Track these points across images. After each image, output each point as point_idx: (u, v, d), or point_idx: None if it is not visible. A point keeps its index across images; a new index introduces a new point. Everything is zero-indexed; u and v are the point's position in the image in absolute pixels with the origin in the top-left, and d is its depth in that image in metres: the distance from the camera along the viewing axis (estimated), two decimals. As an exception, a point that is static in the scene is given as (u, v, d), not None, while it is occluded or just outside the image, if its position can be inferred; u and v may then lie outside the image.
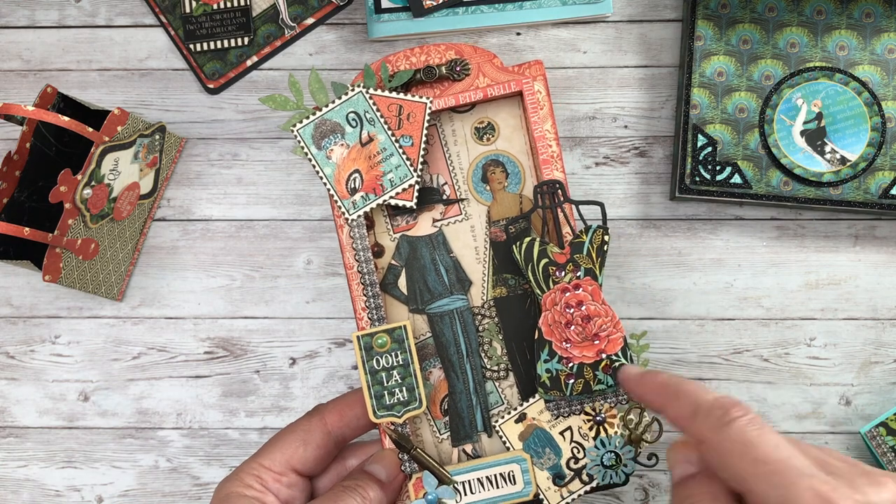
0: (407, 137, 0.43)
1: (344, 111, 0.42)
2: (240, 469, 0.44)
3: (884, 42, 0.60)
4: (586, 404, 0.44)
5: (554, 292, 0.44)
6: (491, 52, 0.47)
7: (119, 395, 0.63)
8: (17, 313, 0.64)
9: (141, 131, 0.59)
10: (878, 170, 0.60)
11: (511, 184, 0.48)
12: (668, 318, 0.63)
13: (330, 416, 0.46)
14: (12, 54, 0.65)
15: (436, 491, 0.43)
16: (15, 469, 0.63)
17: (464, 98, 0.46)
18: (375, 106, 0.42)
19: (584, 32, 0.64)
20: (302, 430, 0.45)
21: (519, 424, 0.45)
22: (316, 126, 0.42)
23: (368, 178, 0.42)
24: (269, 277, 0.63)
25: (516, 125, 0.49)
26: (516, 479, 0.43)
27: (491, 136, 0.48)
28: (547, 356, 0.44)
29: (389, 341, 0.43)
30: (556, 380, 0.44)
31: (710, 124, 0.61)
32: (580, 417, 0.45)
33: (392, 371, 0.43)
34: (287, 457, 0.44)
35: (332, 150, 0.42)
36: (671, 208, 0.63)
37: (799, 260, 0.63)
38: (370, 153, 0.42)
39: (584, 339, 0.44)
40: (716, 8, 0.61)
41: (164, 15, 0.64)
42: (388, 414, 0.43)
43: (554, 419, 0.45)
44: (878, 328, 0.62)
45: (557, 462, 0.44)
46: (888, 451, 0.59)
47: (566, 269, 0.44)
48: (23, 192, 0.60)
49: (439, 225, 0.47)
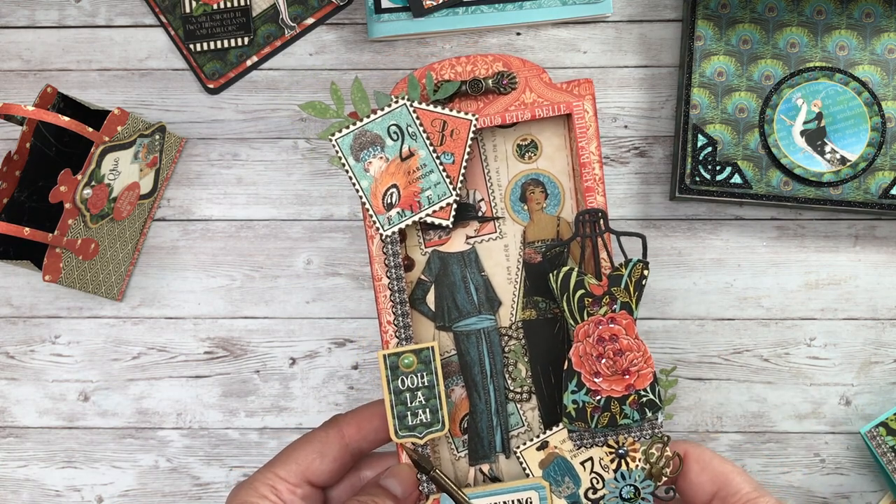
0: (448, 154, 0.42)
1: (386, 123, 0.41)
2: (254, 478, 0.43)
3: (884, 42, 0.60)
4: (610, 437, 0.44)
5: (588, 324, 0.43)
6: (540, 66, 0.45)
7: (119, 395, 0.63)
8: (17, 313, 0.64)
9: (141, 131, 0.59)
10: (878, 170, 0.60)
11: (550, 205, 0.47)
12: (668, 318, 0.63)
13: (348, 429, 0.45)
14: (12, 54, 0.65)
15: None
16: (15, 469, 0.63)
17: (510, 117, 0.44)
18: (419, 120, 0.41)
19: (584, 32, 0.64)
20: (319, 442, 0.44)
21: (540, 452, 0.44)
22: (356, 137, 0.41)
23: (406, 194, 0.42)
24: (269, 277, 0.63)
25: (560, 145, 0.47)
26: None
27: (533, 154, 0.47)
28: (575, 387, 0.43)
29: (416, 362, 0.42)
30: (583, 412, 0.43)
31: (710, 124, 0.61)
32: (602, 449, 0.44)
33: (417, 392, 0.43)
34: (303, 468, 0.43)
35: (371, 163, 0.41)
36: (671, 208, 0.63)
37: (799, 260, 0.63)
38: (410, 168, 0.41)
39: (615, 373, 0.43)
40: (716, 8, 0.61)
41: (164, 15, 0.64)
42: (409, 434, 0.43)
43: (576, 449, 0.44)
44: (878, 328, 0.62)
45: (576, 491, 0.44)
46: (888, 451, 0.59)
47: (602, 302, 0.43)
48: (23, 192, 0.60)
49: (472, 242, 0.46)
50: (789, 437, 0.62)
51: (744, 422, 0.62)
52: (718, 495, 0.44)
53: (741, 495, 0.43)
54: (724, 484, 0.44)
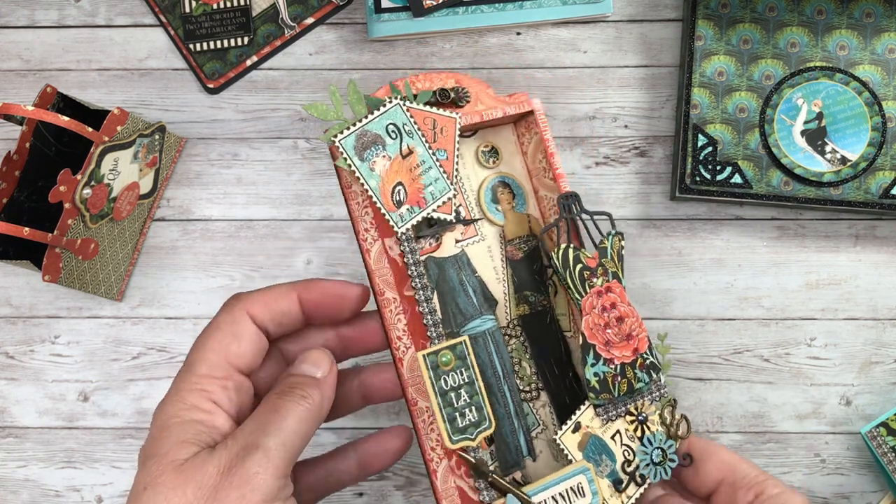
0: (442, 151, 0.43)
1: (384, 122, 0.42)
2: (177, 386, 0.38)
3: (884, 42, 0.60)
4: (630, 404, 0.45)
5: (591, 296, 0.44)
6: (485, 82, 0.47)
7: (119, 395, 0.63)
8: (17, 313, 0.64)
9: (141, 131, 0.59)
10: (879, 170, 0.60)
11: (518, 204, 0.48)
12: (668, 318, 0.62)
13: (254, 307, 0.40)
14: (12, 54, 0.65)
15: None
16: (15, 469, 0.63)
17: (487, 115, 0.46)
18: (413, 118, 0.42)
19: (584, 32, 0.64)
20: (227, 324, 0.39)
21: (576, 434, 0.44)
22: (357, 137, 0.41)
23: (412, 191, 0.42)
24: (269, 277, 0.63)
25: (514, 150, 0.49)
26: (585, 490, 0.42)
27: (496, 159, 0.48)
28: (593, 360, 0.44)
29: (453, 358, 0.41)
30: (605, 382, 0.44)
31: (710, 124, 0.60)
32: (625, 420, 0.45)
33: (460, 391, 0.41)
34: (224, 357, 0.38)
35: (375, 162, 0.41)
36: (671, 208, 0.63)
37: (799, 260, 0.63)
38: (411, 166, 0.42)
39: (622, 340, 0.45)
40: (716, 8, 0.61)
41: (164, 15, 0.64)
42: (463, 438, 0.40)
43: (604, 424, 0.44)
44: (878, 328, 0.62)
45: (613, 467, 0.44)
46: (888, 451, 0.59)
47: (597, 273, 0.45)
48: (22, 192, 0.60)
49: (461, 246, 0.46)
50: (790, 437, 0.62)
51: (744, 422, 0.62)
52: (725, 482, 0.44)
53: (749, 479, 0.44)
54: (729, 470, 0.44)
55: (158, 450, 0.36)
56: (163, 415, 0.37)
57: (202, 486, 0.34)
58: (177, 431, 0.36)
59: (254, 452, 0.35)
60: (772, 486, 0.43)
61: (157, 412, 0.37)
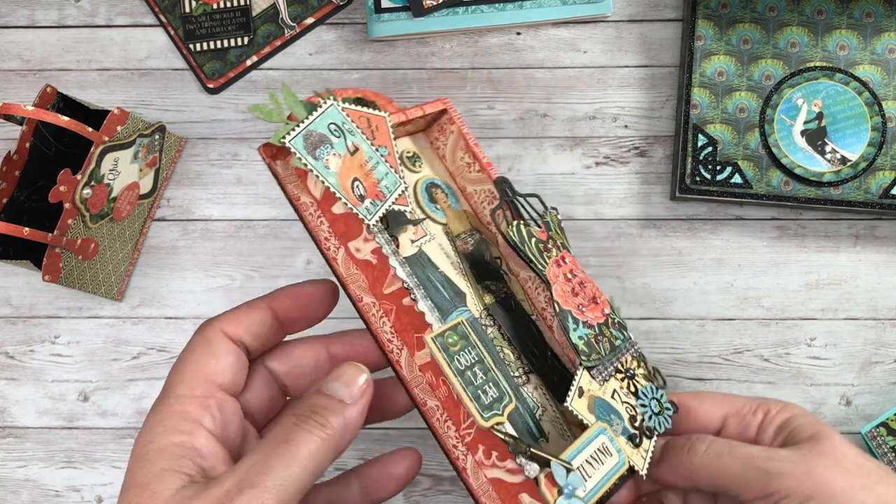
0: (383, 148, 0.43)
1: (325, 122, 0.41)
2: (156, 410, 0.35)
3: (884, 42, 0.60)
4: (615, 363, 0.45)
5: (552, 266, 0.45)
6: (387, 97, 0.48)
7: (119, 395, 0.63)
8: (17, 313, 0.64)
9: (141, 131, 0.59)
10: (879, 170, 0.60)
11: (452, 203, 0.49)
12: (669, 318, 0.62)
13: (226, 325, 0.38)
14: (12, 54, 0.65)
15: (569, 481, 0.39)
16: (15, 469, 0.63)
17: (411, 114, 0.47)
18: (349, 117, 0.42)
19: (584, 32, 0.64)
20: (201, 345, 0.37)
21: (582, 399, 0.43)
22: (305, 137, 0.40)
23: (369, 185, 0.41)
24: (269, 277, 0.63)
25: (432, 157, 0.50)
26: (610, 450, 0.42)
27: (420, 163, 0.49)
28: (573, 325, 0.44)
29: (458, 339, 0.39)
30: (591, 344, 0.45)
31: (710, 124, 0.60)
32: (615, 378, 0.45)
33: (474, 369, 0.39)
34: (202, 375, 0.36)
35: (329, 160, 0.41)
36: (671, 208, 0.63)
37: (799, 260, 0.63)
38: (361, 162, 0.42)
39: (590, 303, 0.46)
40: (716, 8, 0.61)
41: (164, 15, 0.64)
42: (493, 414, 0.38)
43: (601, 385, 0.44)
44: (878, 328, 0.62)
45: (624, 425, 0.44)
46: (889, 451, 0.59)
47: (550, 245, 0.46)
48: (22, 192, 0.60)
49: (418, 245, 0.46)
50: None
51: (744, 422, 0.62)
52: (728, 414, 0.45)
53: (751, 404, 0.44)
54: (729, 404, 0.45)
55: (139, 479, 0.33)
56: (139, 442, 0.34)
57: None
58: (155, 458, 0.33)
59: (247, 491, 0.32)
60: (774, 403, 0.44)
61: (137, 442, 0.35)
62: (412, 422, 0.63)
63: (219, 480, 0.32)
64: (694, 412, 0.45)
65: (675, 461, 0.43)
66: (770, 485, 0.39)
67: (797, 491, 0.39)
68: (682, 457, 0.43)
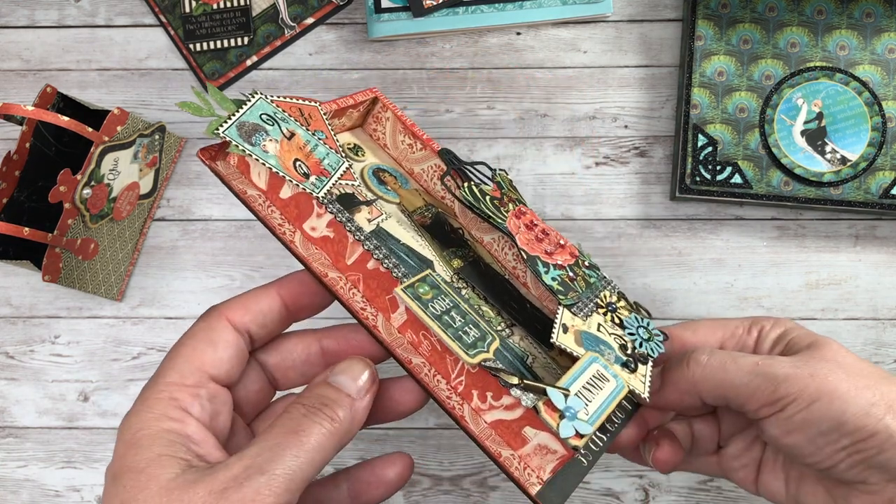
0: (319, 132, 0.43)
1: (256, 113, 0.42)
2: (143, 396, 0.34)
3: (884, 42, 0.60)
4: (594, 299, 0.46)
5: (511, 217, 0.46)
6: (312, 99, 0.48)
7: (119, 396, 0.63)
8: (17, 313, 0.64)
9: (141, 131, 0.59)
10: (879, 170, 0.60)
11: (402, 183, 0.50)
12: (669, 318, 0.62)
13: (232, 312, 0.38)
14: (12, 54, 0.65)
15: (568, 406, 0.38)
16: (14, 469, 0.63)
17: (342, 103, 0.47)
18: (280, 108, 0.42)
19: (584, 32, 0.64)
20: (203, 332, 0.37)
21: (567, 335, 0.43)
22: (238, 127, 0.41)
23: (311, 164, 0.42)
24: (269, 277, 0.63)
25: (374, 147, 0.51)
26: (606, 376, 0.41)
27: (362, 153, 0.50)
28: (544, 268, 0.45)
29: (429, 289, 0.40)
30: (565, 283, 0.45)
31: (710, 124, 0.60)
32: (597, 314, 0.45)
33: (451, 313, 0.39)
34: (196, 364, 0.35)
35: (266, 146, 0.41)
36: (671, 208, 0.63)
37: (799, 260, 0.63)
38: (299, 145, 0.42)
39: (557, 247, 0.46)
40: (716, 8, 0.61)
41: (164, 15, 0.64)
42: (478, 351, 0.38)
43: (585, 321, 0.44)
44: (878, 328, 0.62)
45: (615, 353, 0.44)
46: (888, 451, 0.59)
47: (505, 201, 0.46)
48: (22, 192, 0.60)
49: (376, 223, 0.45)
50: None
51: (744, 422, 0.62)
52: (724, 337, 0.45)
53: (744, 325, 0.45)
54: (721, 328, 0.45)
55: (134, 465, 0.32)
56: (129, 429, 0.33)
57: None
58: (148, 444, 0.33)
59: (256, 477, 0.31)
60: (766, 319, 0.45)
61: (123, 426, 0.34)
62: (413, 422, 0.63)
63: (225, 465, 0.32)
64: (691, 343, 0.45)
65: (676, 376, 0.42)
66: (777, 391, 0.39)
67: (803, 394, 0.38)
68: (683, 370, 0.42)
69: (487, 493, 0.62)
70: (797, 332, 0.43)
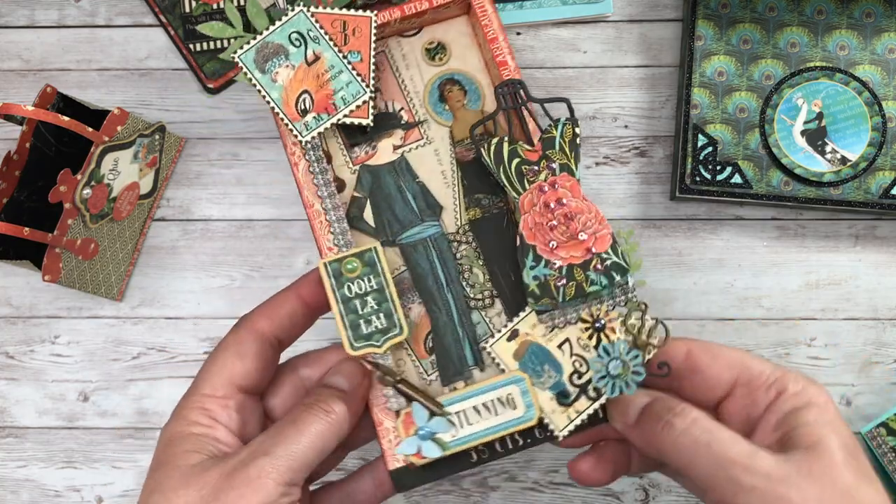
0: (355, 53, 0.41)
1: (286, 32, 0.40)
2: (180, 406, 0.39)
3: (884, 42, 0.60)
4: (581, 311, 0.40)
5: (530, 193, 0.40)
6: None
7: (119, 396, 0.63)
8: (17, 313, 0.64)
9: (141, 131, 0.59)
10: (879, 170, 0.60)
11: (471, 101, 0.46)
12: (669, 318, 0.62)
13: (259, 322, 0.42)
14: (12, 54, 0.65)
15: (428, 424, 0.39)
16: (14, 469, 0.63)
17: (409, 10, 0.43)
18: (318, 24, 0.41)
19: (584, 32, 0.64)
20: (233, 345, 0.40)
21: (512, 343, 0.40)
22: (258, 50, 0.40)
23: (319, 98, 0.41)
24: (269, 277, 0.63)
25: (467, 44, 0.46)
26: (516, 402, 0.39)
27: (442, 55, 0.45)
28: (532, 262, 0.40)
29: (360, 265, 0.40)
30: (546, 286, 0.40)
31: (710, 124, 0.60)
32: (577, 327, 0.40)
33: (366, 297, 0.40)
34: (226, 377, 0.39)
35: (278, 73, 0.40)
36: (671, 208, 0.63)
37: (799, 260, 0.63)
38: (318, 72, 0.41)
39: (570, 239, 0.40)
40: (716, 8, 0.61)
41: (164, 14, 0.64)
42: (366, 344, 0.40)
43: (549, 332, 0.40)
44: (878, 328, 0.62)
45: (559, 379, 0.40)
46: (888, 451, 0.59)
47: (540, 167, 0.41)
48: (22, 192, 0.60)
49: (401, 151, 0.44)
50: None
51: (744, 422, 0.62)
52: (739, 382, 0.39)
53: (766, 376, 0.39)
54: (742, 368, 0.39)
55: (164, 460, 0.37)
56: (165, 433, 0.38)
57: (204, 486, 0.35)
58: (179, 443, 0.37)
59: (260, 458, 0.36)
60: (793, 382, 0.38)
61: (162, 433, 0.39)
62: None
63: (235, 452, 0.37)
64: (702, 371, 0.40)
65: (648, 431, 0.39)
66: (736, 498, 0.35)
67: None
68: (656, 429, 0.38)
69: (487, 493, 0.62)
70: (810, 418, 0.37)
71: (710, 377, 0.40)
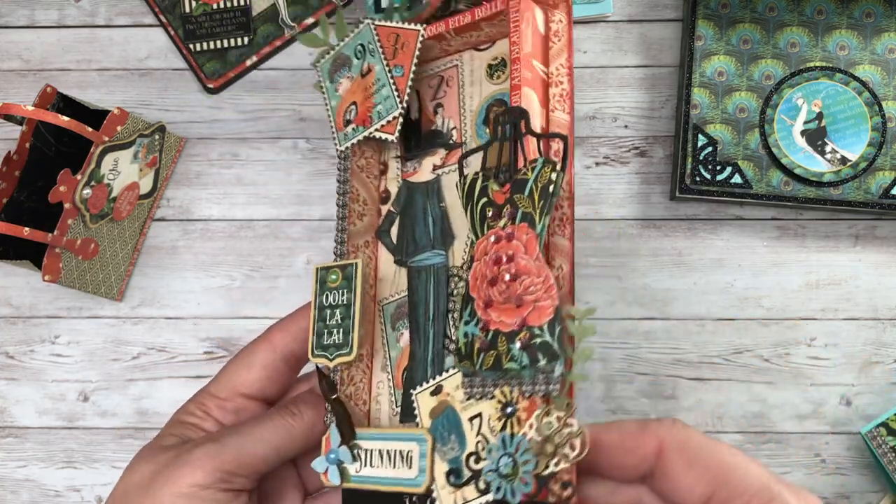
0: (399, 67, 0.40)
1: (354, 44, 0.42)
2: (189, 400, 0.42)
3: (884, 42, 0.60)
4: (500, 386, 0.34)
5: (486, 239, 0.35)
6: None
7: (119, 395, 0.63)
8: (17, 313, 0.64)
9: (141, 131, 0.59)
10: (879, 170, 0.60)
11: None
12: (669, 318, 0.62)
13: (274, 335, 0.42)
14: (12, 54, 0.65)
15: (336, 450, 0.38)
16: (15, 469, 0.63)
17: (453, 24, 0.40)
18: (377, 36, 0.41)
19: (584, 32, 0.64)
20: (244, 354, 0.42)
21: (434, 398, 0.37)
22: (334, 61, 0.42)
23: (361, 110, 0.41)
24: (269, 277, 0.63)
25: None
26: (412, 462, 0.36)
27: (501, 73, 0.41)
28: (468, 317, 0.35)
29: (340, 277, 0.40)
30: (471, 347, 0.34)
31: (710, 124, 0.60)
32: (492, 404, 0.34)
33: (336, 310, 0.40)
34: (232, 383, 0.42)
35: (341, 83, 0.42)
36: (671, 208, 0.63)
37: (799, 260, 0.63)
38: (367, 84, 0.41)
39: (506, 301, 0.34)
40: (716, 8, 0.61)
41: (164, 14, 0.64)
42: (322, 354, 0.40)
43: (466, 400, 0.35)
44: (878, 328, 0.62)
45: (459, 455, 0.35)
46: (888, 451, 0.59)
47: (503, 212, 0.35)
48: (22, 192, 0.60)
49: (439, 172, 0.42)
50: (790, 437, 0.62)
51: (744, 422, 0.62)
52: (716, 497, 0.32)
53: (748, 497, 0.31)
54: (721, 482, 0.31)
55: (150, 443, 0.39)
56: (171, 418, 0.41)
57: (157, 463, 0.37)
58: (168, 428, 0.40)
59: (209, 444, 0.37)
60: None
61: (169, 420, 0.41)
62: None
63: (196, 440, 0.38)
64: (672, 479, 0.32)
65: None
66: None
67: None
68: None
69: (487, 493, 0.62)
70: None
71: (682, 487, 0.32)
